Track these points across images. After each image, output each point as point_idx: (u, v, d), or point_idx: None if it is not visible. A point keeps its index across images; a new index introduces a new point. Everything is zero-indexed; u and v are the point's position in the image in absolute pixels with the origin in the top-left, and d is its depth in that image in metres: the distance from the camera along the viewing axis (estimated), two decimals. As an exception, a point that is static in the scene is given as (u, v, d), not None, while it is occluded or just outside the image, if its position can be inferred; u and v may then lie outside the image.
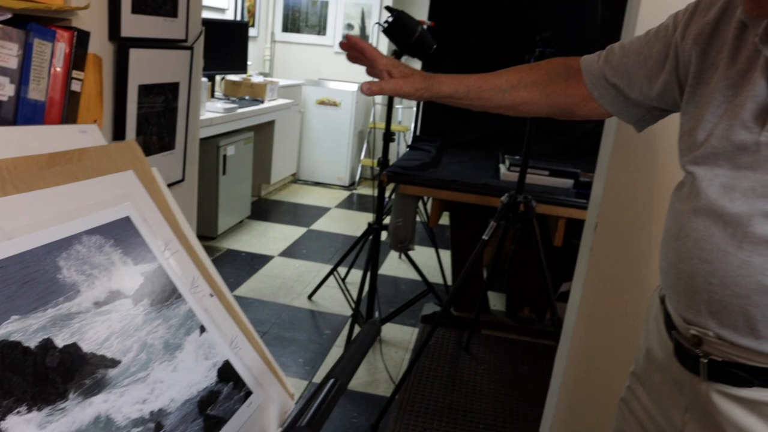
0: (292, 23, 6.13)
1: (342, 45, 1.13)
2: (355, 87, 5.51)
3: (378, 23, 2.51)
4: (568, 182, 2.61)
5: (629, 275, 1.47)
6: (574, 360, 1.59)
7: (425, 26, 3.24)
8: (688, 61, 0.95)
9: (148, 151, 1.58)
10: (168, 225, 1.11)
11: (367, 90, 1.05)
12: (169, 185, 1.73)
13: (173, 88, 1.64)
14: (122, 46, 1.40)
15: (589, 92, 1.10)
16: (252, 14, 5.77)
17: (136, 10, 1.43)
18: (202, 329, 1.03)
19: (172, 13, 1.59)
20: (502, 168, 2.73)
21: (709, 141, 0.86)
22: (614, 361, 1.52)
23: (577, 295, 1.51)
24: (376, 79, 1.11)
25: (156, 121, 1.59)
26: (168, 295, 1.00)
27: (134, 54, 1.43)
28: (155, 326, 0.94)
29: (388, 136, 2.60)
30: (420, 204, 3.48)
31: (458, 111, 3.47)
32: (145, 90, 1.51)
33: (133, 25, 1.42)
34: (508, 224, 2.26)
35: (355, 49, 1.12)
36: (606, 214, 1.44)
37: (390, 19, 2.39)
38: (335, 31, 6.00)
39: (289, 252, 4.13)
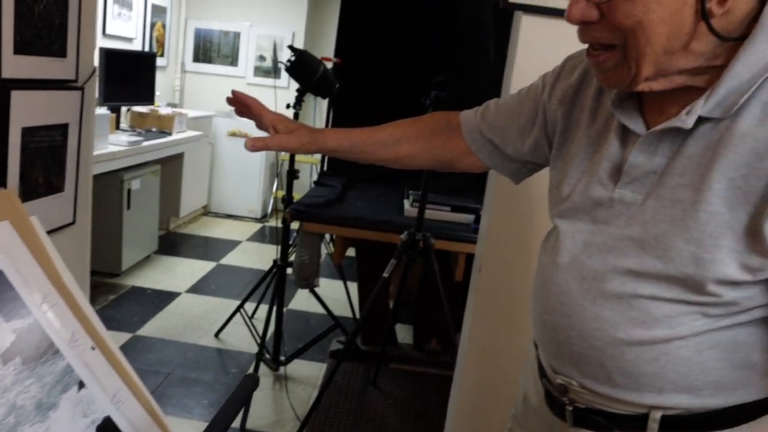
0: (203, 53, 6.07)
1: (228, 100, 1.14)
2: (266, 119, 5.50)
3: (281, 62, 2.54)
4: (469, 217, 2.70)
5: (512, 319, 1.53)
6: (465, 397, 1.64)
7: (332, 63, 3.31)
8: (554, 119, 1.02)
9: (34, 195, 1.53)
10: (47, 277, 1.08)
11: (251, 147, 1.07)
12: (59, 229, 1.68)
13: (62, 129, 1.60)
14: (3, 88, 1.35)
15: (468, 147, 1.15)
16: (161, 44, 5.68)
17: (19, 50, 1.39)
18: (81, 385, 1.00)
19: (61, 53, 1.55)
20: (406, 204, 2.80)
21: (571, 196, 0.93)
22: (500, 400, 1.57)
23: (466, 335, 1.57)
24: (264, 134, 1.13)
25: (43, 164, 1.54)
26: (43, 352, 0.97)
27: (16, 96, 1.38)
28: (27, 386, 0.91)
29: (292, 174, 2.62)
30: (327, 237, 3.50)
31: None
32: (29, 132, 1.46)
33: (15, 66, 1.38)
34: (409, 262, 2.31)
35: (241, 104, 1.13)
36: (489, 257, 1.50)
37: (292, 59, 2.42)
38: (247, 63, 5.99)
39: (197, 288, 4.04)
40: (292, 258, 2.85)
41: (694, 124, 0.78)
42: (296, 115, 2.74)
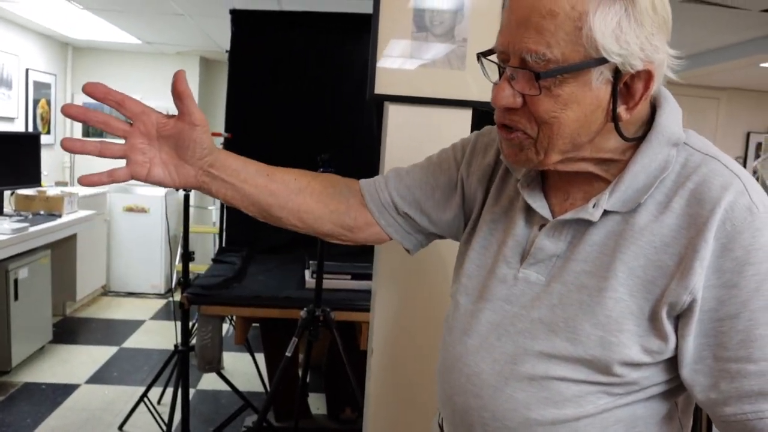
0: (93, 128, 5.88)
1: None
2: (164, 191, 5.37)
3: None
4: (369, 284, 2.70)
5: (409, 401, 1.54)
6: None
7: (223, 138, 3.29)
8: (474, 197, 1.04)
9: None
10: None
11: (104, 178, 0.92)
12: None
13: None
14: None
15: (375, 220, 1.10)
16: (46, 121, 5.48)
17: None
18: None
19: None
20: (307, 274, 2.78)
21: (476, 273, 0.96)
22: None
23: (368, 421, 1.56)
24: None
25: None
26: None
27: None
28: None
29: (187, 256, 2.56)
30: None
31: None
32: None
33: None
34: (311, 338, 2.29)
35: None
36: (380, 340, 1.52)
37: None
38: (140, 135, 5.86)
39: (98, 377, 3.82)
40: (194, 341, 2.76)
41: None
42: (187, 197, 2.70)
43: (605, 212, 0.85)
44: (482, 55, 0.87)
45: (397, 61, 1.46)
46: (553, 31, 0.75)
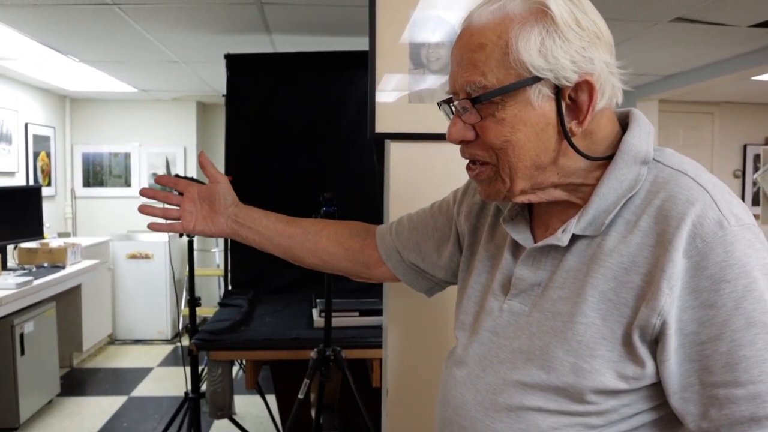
0: (94, 177, 5.93)
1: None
2: (166, 237, 5.37)
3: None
4: (378, 320, 2.69)
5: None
6: None
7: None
8: (463, 235, 1.07)
9: None
10: None
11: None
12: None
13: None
14: None
15: (383, 260, 1.19)
16: (47, 173, 5.50)
17: None
18: None
19: None
20: (315, 314, 2.76)
21: (471, 307, 0.97)
22: None
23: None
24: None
25: None
26: None
27: None
28: None
29: (194, 302, 2.54)
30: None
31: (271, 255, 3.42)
32: None
33: None
34: (323, 378, 2.27)
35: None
36: (395, 379, 1.50)
37: (180, 188, 2.40)
38: (140, 182, 5.89)
39: (108, 429, 3.77)
40: (204, 387, 2.73)
41: (571, 240, 0.84)
42: (191, 242, 2.70)
43: (578, 237, 0.84)
44: (443, 103, 0.91)
45: (396, 99, 1.47)
46: (484, 61, 0.80)
